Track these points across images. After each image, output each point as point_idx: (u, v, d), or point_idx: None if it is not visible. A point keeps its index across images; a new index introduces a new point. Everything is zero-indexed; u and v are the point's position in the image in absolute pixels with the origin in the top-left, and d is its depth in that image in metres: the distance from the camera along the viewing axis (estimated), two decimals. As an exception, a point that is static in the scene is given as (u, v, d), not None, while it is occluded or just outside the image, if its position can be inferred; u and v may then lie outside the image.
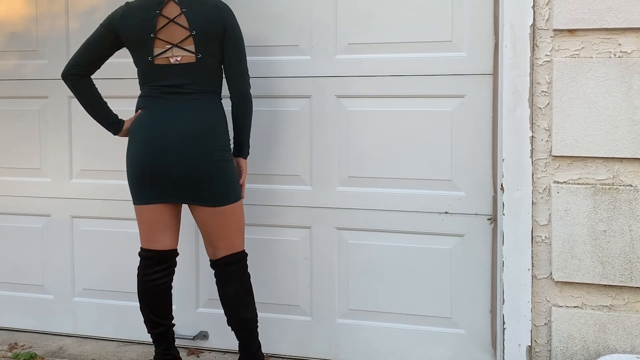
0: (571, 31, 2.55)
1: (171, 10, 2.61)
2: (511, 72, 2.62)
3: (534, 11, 2.58)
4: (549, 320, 2.64)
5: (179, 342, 3.02)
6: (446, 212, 2.87)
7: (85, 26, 3.15)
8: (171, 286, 2.76)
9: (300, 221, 3.05)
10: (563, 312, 2.61)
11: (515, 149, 2.64)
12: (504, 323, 2.70)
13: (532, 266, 2.65)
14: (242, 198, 2.72)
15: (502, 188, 2.68)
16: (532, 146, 2.62)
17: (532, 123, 2.61)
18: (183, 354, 3.08)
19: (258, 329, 2.76)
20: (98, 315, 3.34)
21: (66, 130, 3.33)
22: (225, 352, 3.15)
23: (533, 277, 2.65)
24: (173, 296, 2.79)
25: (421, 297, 2.93)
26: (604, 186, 2.54)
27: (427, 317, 2.93)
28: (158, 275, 2.70)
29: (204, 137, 2.59)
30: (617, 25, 2.49)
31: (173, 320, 2.81)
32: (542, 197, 2.62)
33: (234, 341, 2.80)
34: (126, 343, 3.28)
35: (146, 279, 2.70)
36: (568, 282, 2.61)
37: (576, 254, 2.58)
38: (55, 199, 3.37)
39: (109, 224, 3.29)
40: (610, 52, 2.52)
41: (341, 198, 2.99)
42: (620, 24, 2.49)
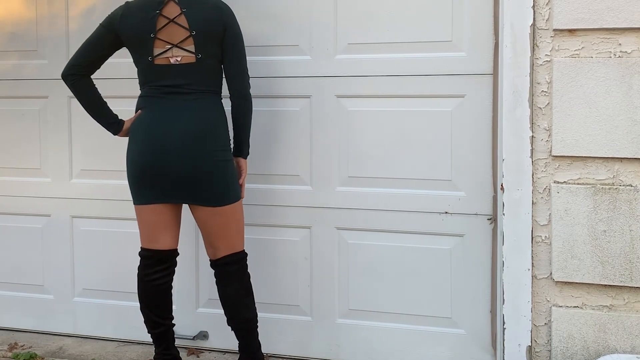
0: (571, 31, 2.55)
1: (171, 10, 2.61)
2: (511, 72, 2.62)
3: (534, 11, 2.58)
4: (549, 320, 2.64)
5: (179, 342, 3.02)
6: (446, 212, 2.87)
7: (85, 26, 3.15)
8: (171, 286, 2.75)
9: (300, 221, 3.04)
10: (563, 312, 2.61)
11: (515, 149, 2.63)
12: (504, 323, 2.70)
13: (532, 266, 2.65)
14: (242, 198, 2.72)
15: (502, 188, 2.68)
16: (532, 146, 2.62)
17: (532, 123, 2.61)
18: (183, 354, 3.07)
19: (258, 329, 2.76)
20: (98, 315, 3.33)
21: (66, 130, 3.33)
22: (225, 352, 3.15)
23: (533, 277, 2.65)
24: (173, 296, 2.79)
25: (421, 297, 2.93)
26: (604, 186, 2.54)
27: (427, 317, 2.93)
28: (158, 275, 2.70)
29: (204, 137, 2.59)
30: (617, 25, 2.49)
31: (173, 320, 2.81)
32: (542, 197, 2.62)
33: (234, 341, 2.80)
34: (126, 343, 3.28)
35: (146, 279, 2.70)
36: (568, 282, 2.60)
37: (576, 254, 2.58)
38: (55, 199, 3.37)
39: (109, 224, 3.29)
40: (610, 52, 2.52)
41: (341, 198, 2.99)
42: (620, 24, 2.49)
